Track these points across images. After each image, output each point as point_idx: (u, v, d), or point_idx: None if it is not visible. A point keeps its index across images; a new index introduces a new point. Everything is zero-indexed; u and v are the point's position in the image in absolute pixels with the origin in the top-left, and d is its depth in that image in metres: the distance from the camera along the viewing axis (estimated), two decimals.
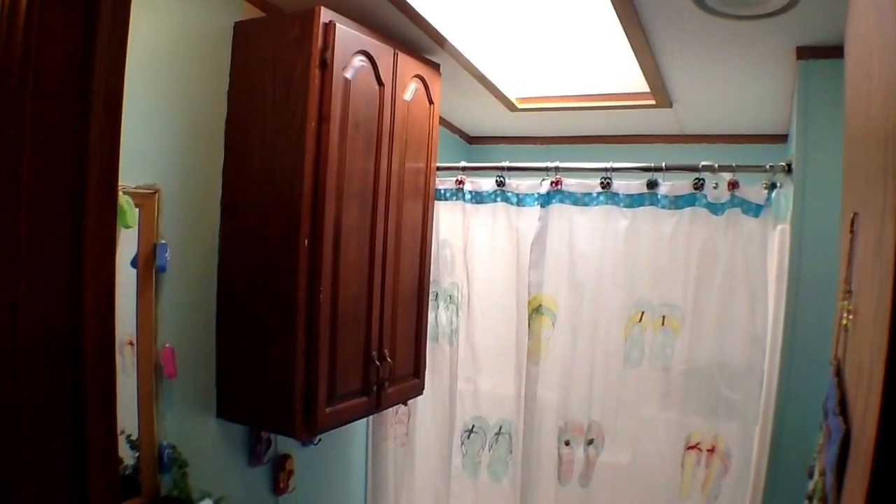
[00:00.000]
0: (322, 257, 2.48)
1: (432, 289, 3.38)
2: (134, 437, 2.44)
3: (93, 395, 1.05)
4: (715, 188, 2.91)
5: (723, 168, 2.91)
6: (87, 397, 1.04)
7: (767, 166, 2.87)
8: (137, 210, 2.33)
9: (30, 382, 0.99)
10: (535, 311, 3.19)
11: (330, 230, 2.52)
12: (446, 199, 3.45)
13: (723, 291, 2.90)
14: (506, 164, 3.30)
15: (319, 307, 2.49)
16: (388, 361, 2.90)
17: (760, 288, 2.87)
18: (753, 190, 2.89)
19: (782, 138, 3.54)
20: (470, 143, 4.57)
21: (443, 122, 3.92)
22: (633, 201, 3.02)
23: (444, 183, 3.45)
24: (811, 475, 1.75)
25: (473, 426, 3.47)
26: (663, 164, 2.98)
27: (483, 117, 4.03)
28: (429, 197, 3.17)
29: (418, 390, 3.27)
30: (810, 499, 1.67)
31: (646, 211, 3.02)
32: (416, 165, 3.03)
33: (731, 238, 2.89)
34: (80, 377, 1.03)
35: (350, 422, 2.92)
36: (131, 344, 2.39)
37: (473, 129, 4.41)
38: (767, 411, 2.81)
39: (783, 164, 2.85)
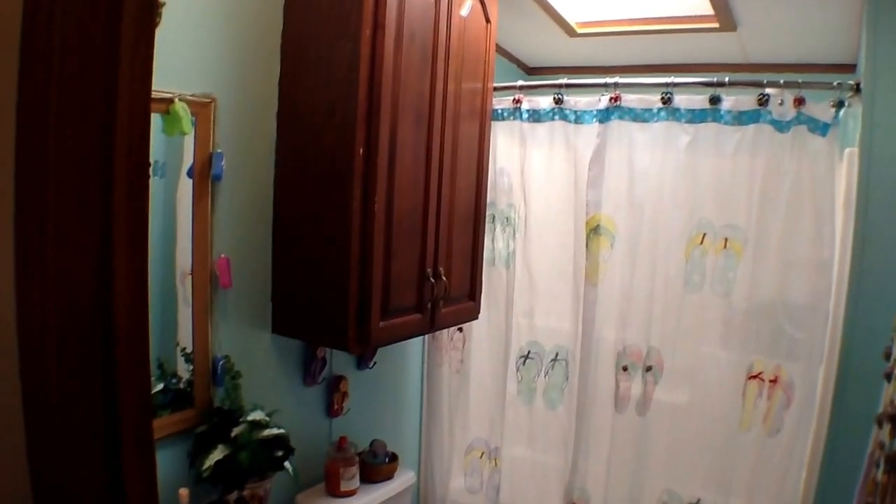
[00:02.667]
0: (377, 167, 2.54)
1: (489, 211, 3.42)
2: (188, 351, 2.51)
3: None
4: (780, 105, 2.87)
5: (788, 84, 2.87)
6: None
7: (835, 83, 2.83)
8: (194, 119, 2.39)
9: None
10: (593, 231, 3.21)
11: (385, 140, 2.57)
12: (503, 119, 3.47)
13: (788, 213, 2.88)
14: (563, 80, 3.29)
15: (374, 217, 2.56)
16: (443, 280, 2.95)
17: (827, 210, 2.84)
18: (820, 107, 2.86)
19: (850, 68, 3.48)
20: (528, 74, 4.56)
21: (500, 50, 3.93)
22: (695, 117, 3.00)
23: (501, 103, 3.47)
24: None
25: (529, 352, 3.51)
26: (726, 79, 2.95)
27: (541, 44, 4.02)
28: (485, 117, 3.21)
29: (473, 314, 3.32)
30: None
31: (708, 127, 2.99)
32: (473, 85, 3.07)
33: (796, 157, 2.86)
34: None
35: (404, 339, 2.98)
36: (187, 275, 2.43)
37: (531, 59, 4.40)
38: (832, 351, 2.82)
39: (851, 83, 2.81)
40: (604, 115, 3.17)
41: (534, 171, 3.42)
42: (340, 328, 2.59)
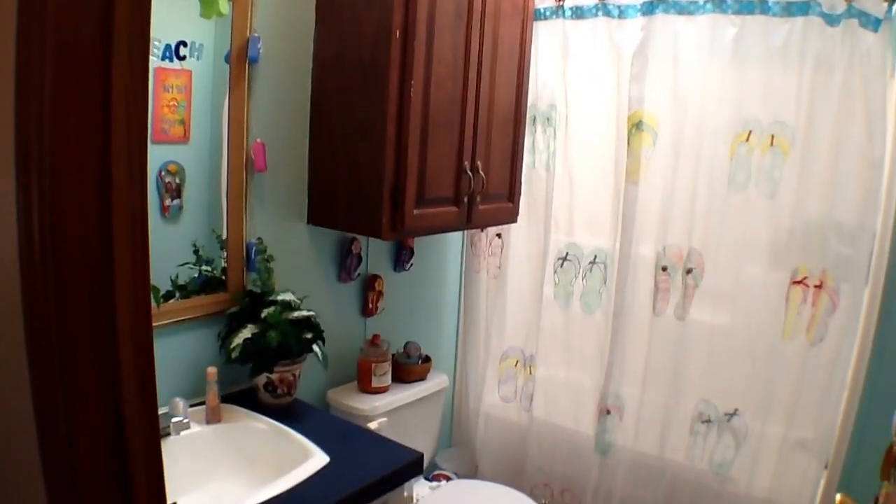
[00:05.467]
0: (414, 52, 2.57)
1: (530, 113, 3.43)
2: (223, 237, 2.56)
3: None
4: None
5: None
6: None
7: None
8: (231, 1, 2.41)
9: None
10: (635, 127, 3.18)
11: (423, 26, 2.60)
12: (545, 19, 3.46)
13: (838, 110, 2.83)
14: None
15: (410, 103, 2.59)
16: (480, 175, 2.99)
17: (878, 109, 2.79)
18: (872, 1, 2.79)
19: None
20: None
21: None
22: (742, 7, 2.95)
23: (544, 2, 3.46)
24: None
25: (567, 254, 3.53)
26: None
27: None
28: (527, 17, 3.23)
29: (512, 216, 3.35)
30: None
31: (755, 19, 2.94)
32: None
33: (847, 52, 2.81)
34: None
35: (439, 231, 3.03)
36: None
37: None
38: (879, 271, 2.83)
39: None
40: (648, 8, 3.13)
41: (576, 70, 3.40)
42: (374, 214, 2.64)
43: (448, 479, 3.61)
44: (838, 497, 1.40)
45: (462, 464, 4.00)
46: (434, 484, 3.51)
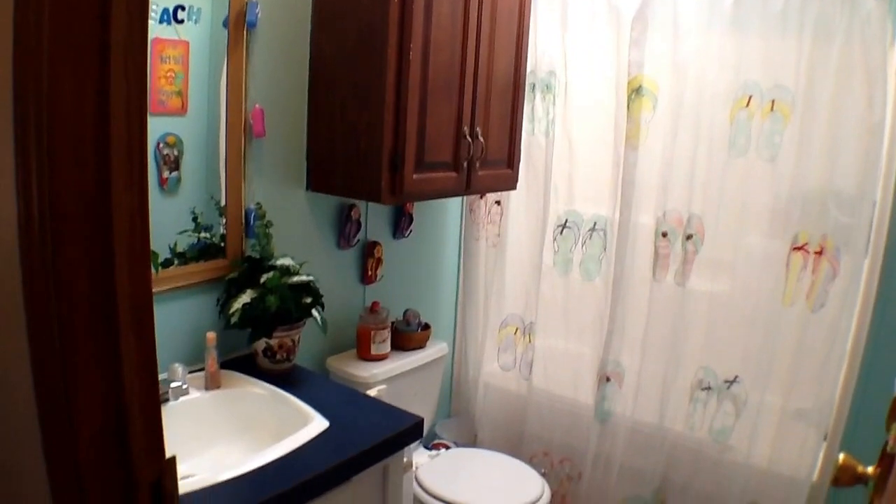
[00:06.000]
0: (413, 16, 2.56)
1: (529, 80, 3.42)
2: (221, 203, 2.55)
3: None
4: None
5: None
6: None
7: None
8: None
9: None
10: (635, 92, 3.17)
11: None
12: None
13: (838, 75, 2.81)
14: None
15: (409, 66, 2.58)
16: (479, 141, 2.98)
17: (879, 73, 2.76)
18: None
19: None
20: None
21: None
22: None
23: None
24: None
25: (567, 221, 3.52)
26: None
27: None
28: None
29: (511, 182, 3.35)
30: None
31: None
32: None
33: (847, 17, 2.78)
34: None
35: (438, 196, 3.05)
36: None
37: None
38: (879, 239, 2.83)
39: None
40: None
41: (575, 35, 3.38)
42: (374, 178, 2.64)
43: (447, 447, 3.62)
44: (842, 456, 1.40)
45: (461, 433, 4.01)
46: (433, 452, 3.51)
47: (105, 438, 1.06)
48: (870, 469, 1.35)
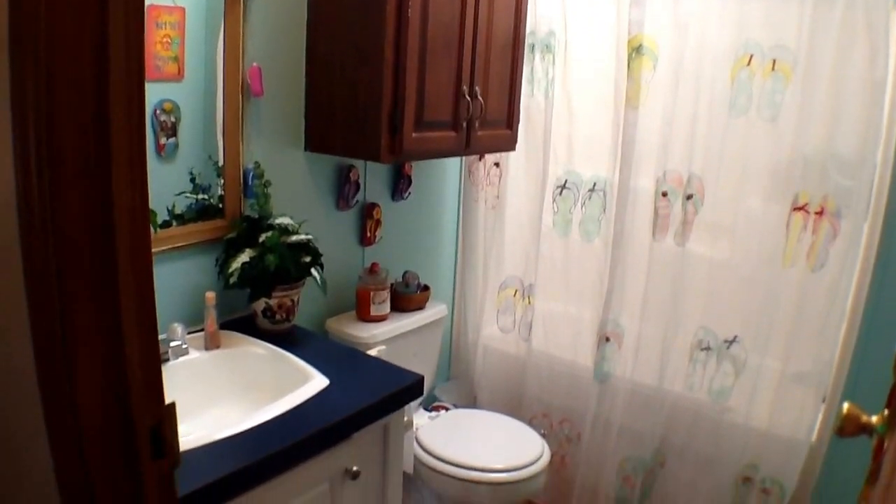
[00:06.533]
0: None
1: (528, 40, 3.39)
2: (219, 164, 2.54)
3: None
4: None
5: None
6: None
7: None
8: None
9: None
10: (636, 51, 3.14)
11: None
12: None
13: (840, 34, 2.78)
14: None
15: (408, 24, 2.56)
16: (479, 100, 2.97)
17: (881, 34, 2.73)
18: None
19: None
20: None
21: None
22: None
23: None
24: None
25: (566, 181, 3.51)
26: None
27: None
28: None
29: (511, 143, 3.34)
30: None
31: None
32: None
33: None
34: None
35: (438, 156, 3.04)
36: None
37: None
38: (879, 203, 2.81)
39: None
40: None
41: None
42: (373, 137, 2.63)
43: (447, 410, 3.62)
44: (846, 406, 1.39)
45: (461, 396, 4.02)
46: (433, 414, 3.52)
47: (104, 384, 1.05)
48: (874, 418, 1.34)
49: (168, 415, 1.10)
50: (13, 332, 1.11)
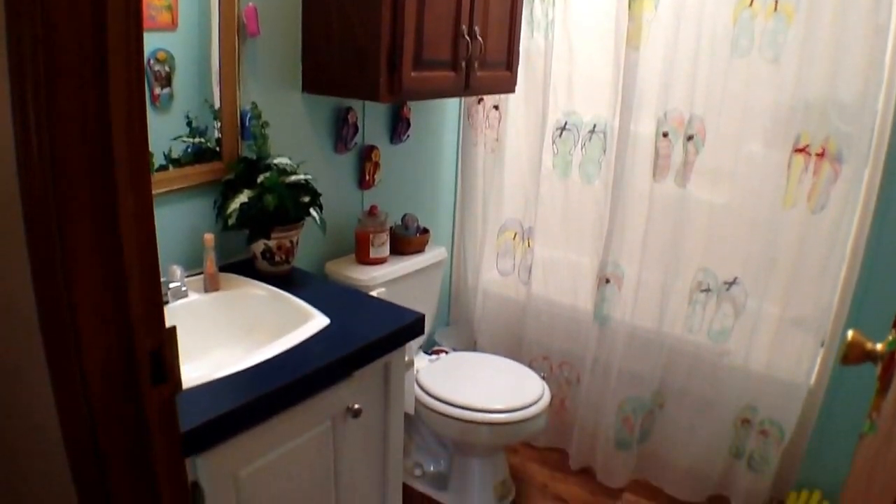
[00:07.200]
0: None
1: None
2: (216, 107, 2.51)
3: None
4: None
5: None
6: None
7: None
8: None
9: None
10: None
11: None
12: None
13: None
14: None
15: None
16: (478, 40, 2.94)
17: None
18: None
19: None
20: None
21: None
22: None
23: None
24: None
25: (566, 123, 3.48)
26: None
27: None
28: None
29: (510, 85, 3.32)
30: None
31: None
32: None
33: None
34: None
35: (437, 96, 3.04)
36: None
37: None
38: (880, 149, 2.80)
39: None
40: None
41: None
42: (371, 76, 2.60)
43: (447, 353, 3.63)
44: (850, 333, 1.39)
45: (461, 340, 4.03)
46: (433, 357, 3.53)
47: (103, 307, 1.04)
48: (878, 346, 1.34)
49: (168, 338, 1.09)
50: (11, 260, 1.10)
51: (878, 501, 1.07)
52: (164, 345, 1.08)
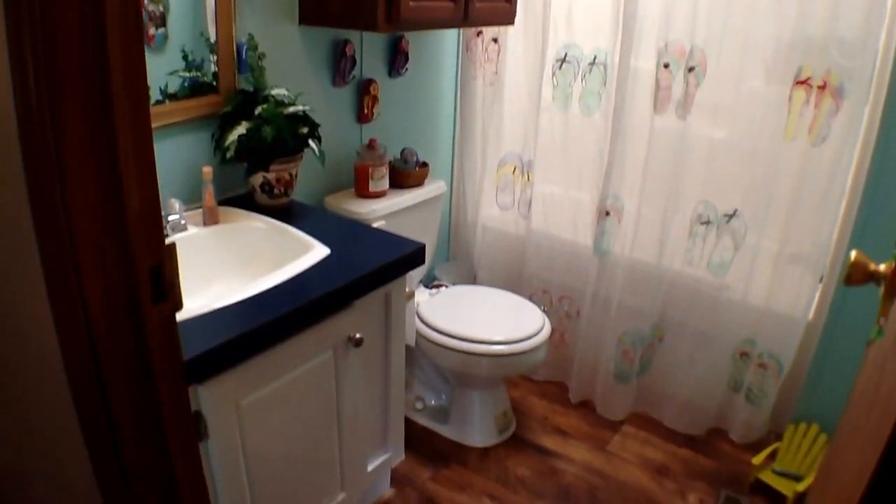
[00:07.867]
0: None
1: None
2: (211, 40, 2.48)
3: None
4: None
5: None
6: None
7: None
8: None
9: None
10: None
11: None
12: None
13: None
14: None
15: None
16: None
17: None
18: None
19: None
20: None
21: None
22: None
23: None
24: None
25: (566, 55, 3.43)
26: None
27: None
28: None
29: (509, 17, 3.28)
30: None
31: None
32: None
33: None
34: None
35: (435, 26, 3.03)
36: None
37: None
38: (880, 87, 2.77)
39: None
40: None
41: None
42: (369, 5, 2.57)
43: (446, 287, 3.63)
44: (854, 253, 1.39)
45: (460, 275, 4.03)
46: (433, 291, 3.53)
47: (102, 220, 1.03)
48: (882, 266, 1.33)
49: (168, 255, 1.09)
50: (7, 175, 1.09)
51: (883, 406, 1.07)
52: (165, 262, 1.07)
